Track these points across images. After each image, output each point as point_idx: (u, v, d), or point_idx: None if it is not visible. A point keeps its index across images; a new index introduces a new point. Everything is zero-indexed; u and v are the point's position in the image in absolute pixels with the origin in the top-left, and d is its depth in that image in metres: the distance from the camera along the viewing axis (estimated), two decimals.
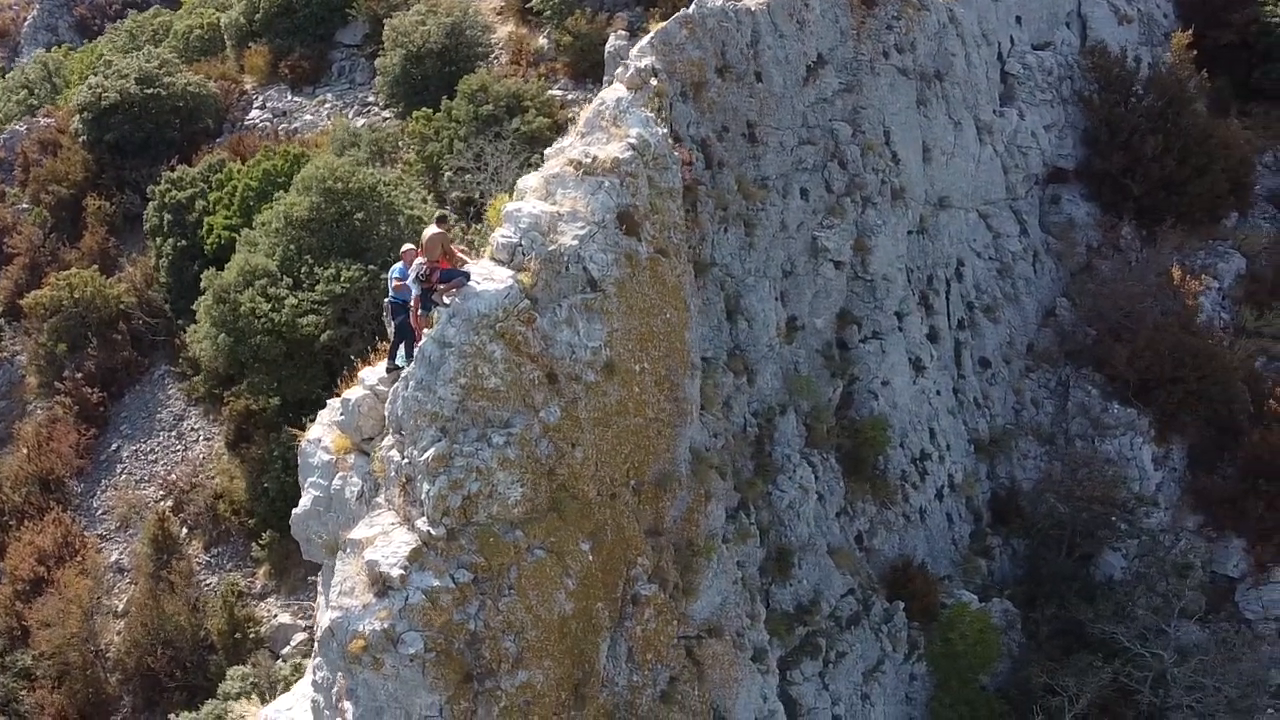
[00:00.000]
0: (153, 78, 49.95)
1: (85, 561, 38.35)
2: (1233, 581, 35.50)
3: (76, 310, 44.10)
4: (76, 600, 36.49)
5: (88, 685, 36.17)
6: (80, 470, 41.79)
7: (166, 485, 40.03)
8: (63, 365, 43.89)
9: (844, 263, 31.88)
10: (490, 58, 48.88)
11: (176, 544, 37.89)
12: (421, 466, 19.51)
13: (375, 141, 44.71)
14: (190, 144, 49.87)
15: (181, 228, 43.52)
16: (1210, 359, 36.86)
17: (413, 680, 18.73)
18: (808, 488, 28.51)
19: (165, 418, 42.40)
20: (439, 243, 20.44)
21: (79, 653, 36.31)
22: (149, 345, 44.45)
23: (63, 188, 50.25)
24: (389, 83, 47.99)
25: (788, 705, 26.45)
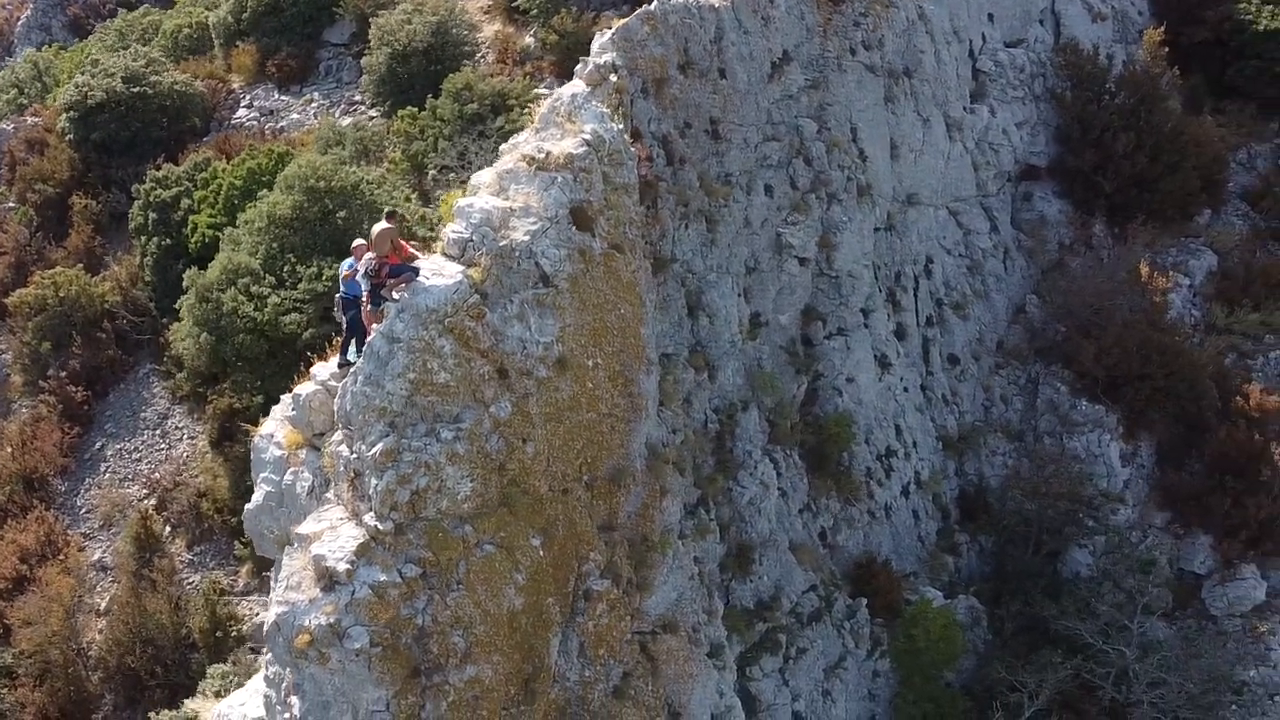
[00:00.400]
0: (139, 76, 49.98)
1: (68, 560, 38.41)
2: (1200, 578, 35.70)
3: (61, 309, 44.13)
4: (58, 599, 36.58)
5: (69, 683, 36.18)
6: (64, 469, 41.81)
7: (150, 484, 40.04)
8: (47, 364, 43.95)
9: (809, 259, 32.05)
10: (477, 57, 48.92)
11: (159, 542, 37.90)
12: (369, 461, 19.56)
13: (360, 140, 44.65)
14: (177, 143, 49.86)
15: (166, 226, 43.61)
16: (1178, 356, 37.04)
17: (359, 675, 18.77)
18: (769, 484, 28.66)
19: (149, 416, 42.43)
20: (388, 238, 20.48)
21: (60, 651, 36.31)
22: (134, 344, 44.49)
23: (49, 186, 50.31)
24: (375, 81, 48.13)
25: (747, 701, 26.58)
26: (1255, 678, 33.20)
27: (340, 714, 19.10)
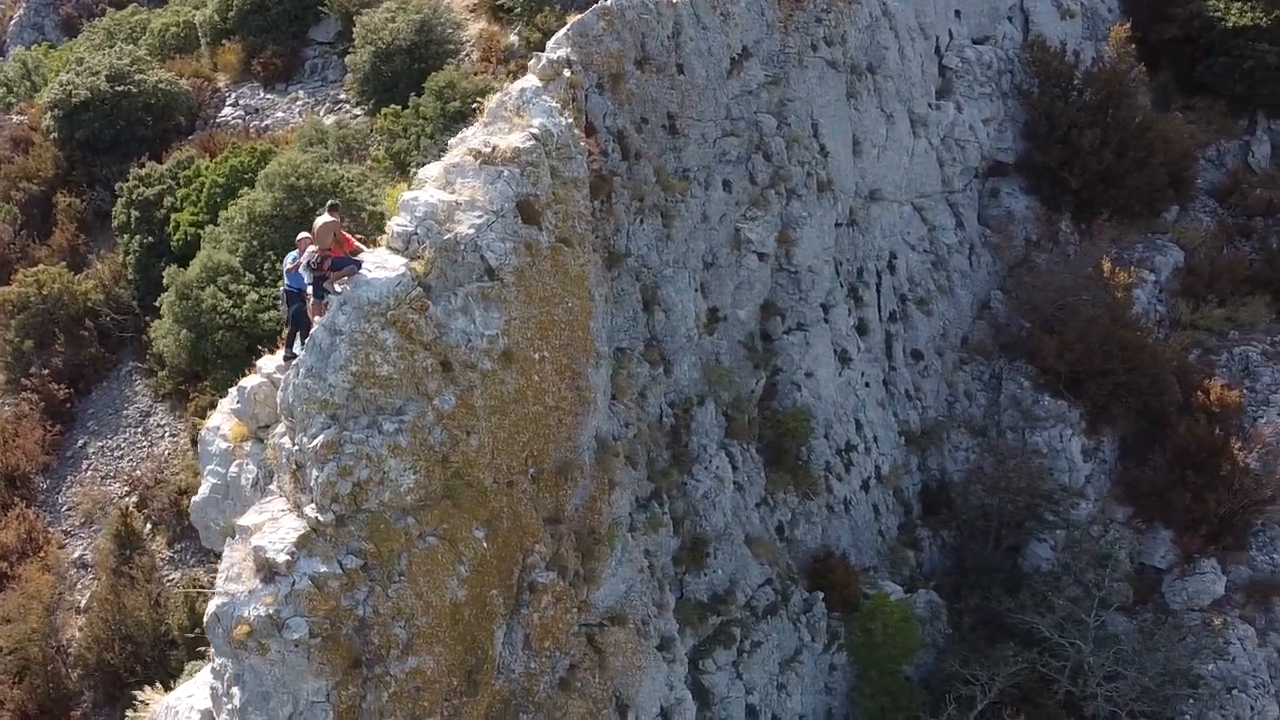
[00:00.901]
0: (124, 75, 50.01)
1: (48, 557, 38.51)
2: (1160, 573, 35.99)
3: (44, 307, 44.23)
4: (38, 596, 36.72)
5: (48, 680, 36.30)
6: (46, 467, 41.98)
7: (131, 481, 40.13)
8: (30, 362, 44.12)
9: (768, 254, 32.19)
10: (461, 55, 49.03)
11: (140, 540, 38.00)
12: (311, 453, 19.72)
13: (342, 138, 44.83)
14: (162, 141, 49.99)
15: (149, 224, 43.84)
16: (1140, 351, 37.33)
17: (298, 665, 18.92)
18: (724, 478, 28.84)
19: (132, 414, 42.57)
20: (331, 231, 20.65)
21: (39, 648, 36.42)
22: (117, 342, 44.65)
23: (33, 185, 50.38)
24: (359, 80, 48.32)
25: (699, 694, 26.80)
26: (1213, 671, 33.50)
27: (281, 705, 19.24)
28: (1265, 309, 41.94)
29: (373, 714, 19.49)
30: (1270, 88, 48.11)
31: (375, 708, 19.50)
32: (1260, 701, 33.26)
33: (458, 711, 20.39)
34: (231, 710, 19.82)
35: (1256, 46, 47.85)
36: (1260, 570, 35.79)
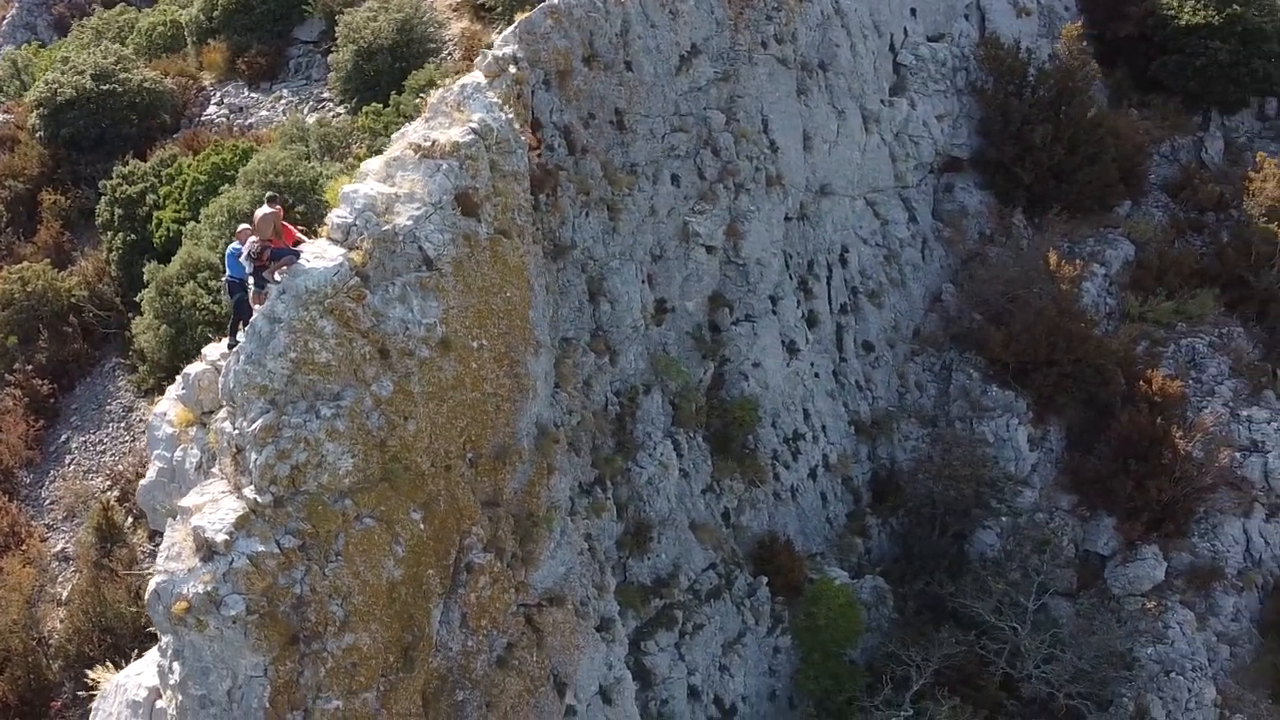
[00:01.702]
0: (109, 74, 50.29)
1: (30, 551, 38.78)
2: (1103, 559, 36.77)
3: (29, 303, 44.41)
4: (19, 588, 36.92)
5: (29, 672, 36.39)
6: (29, 461, 42.24)
7: (113, 475, 40.38)
8: (14, 358, 44.26)
9: (716, 248, 32.94)
10: (443, 54, 49.36)
11: (121, 533, 38.24)
12: (250, 437, 20.37)
13: (324, 136, 45.16)
14: (147, 140, 50.19)
15: (132, 222, 44.12)
16: (1085, 342, 38.07)
17: (236, 641, 19.61)
18: (669, 464, 29.57)
19: (115, 409, 42.88)
20: (271, 222, 21.31)
21: (20, 640, 36.52)
22: (100, 338, 44.95)
23: (19, 182, 50.43)
24: (341, 78, 48.61)
25: (642, 675, 27.56)
26: (1152, 655, 34.33)
27: (220, 679, 19.94)
28: (1214, 302, 42.69)
29: (310, 689, 20.22)
30: (1222, 85, 48.88)
31: (312, 683, 20.22)
32: (1198, 684, 34.06)
33: (394, 687, 21.12)
34: (174, 685, 20.53)
35: (1209, 44, 48.58)
36: (1201, 557, 36.57)
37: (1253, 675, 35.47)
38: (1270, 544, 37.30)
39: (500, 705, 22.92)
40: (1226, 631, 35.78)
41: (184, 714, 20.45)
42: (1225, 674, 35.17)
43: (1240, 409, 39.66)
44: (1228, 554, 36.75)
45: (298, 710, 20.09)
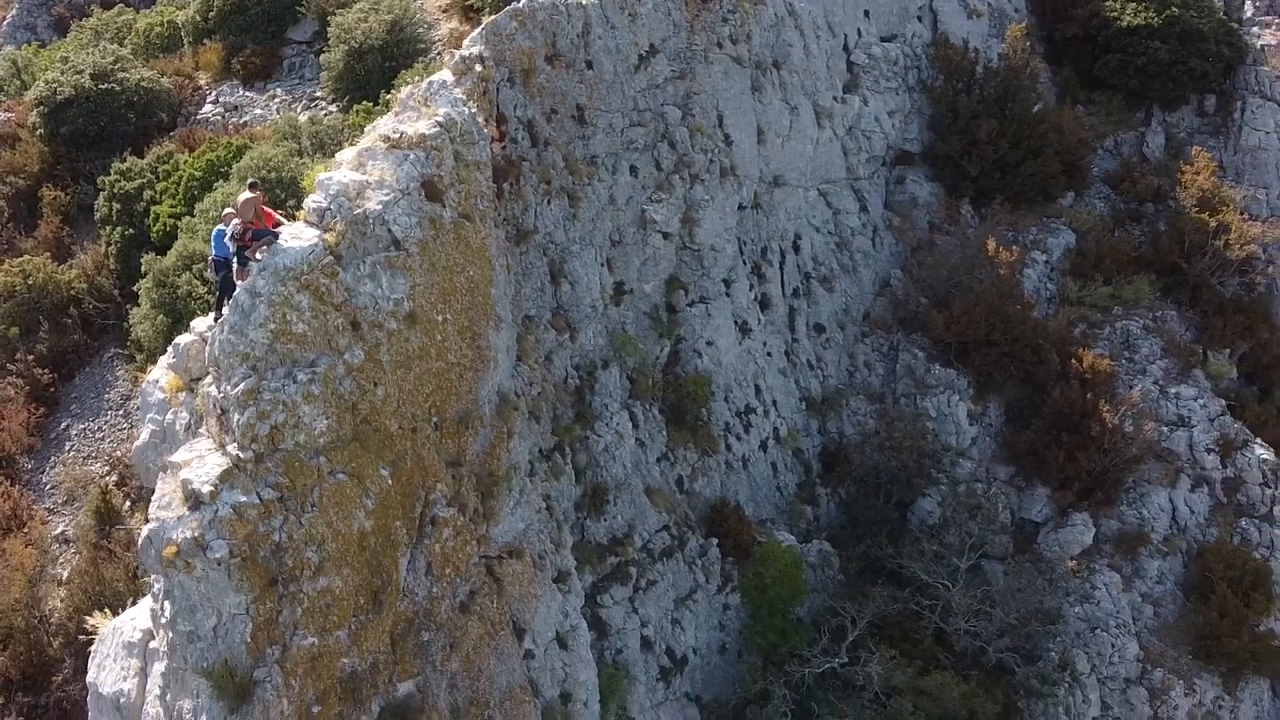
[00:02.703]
0: (107, 73, 50.48)
1: (31, 533, 39.08)
2: (1038, 526, 38.63)
3: (30, 295, 44.77)
4: (21, 568, 37.30)
5: (30, 648, 36.90)
6: (30, 448, 42.65)
7: (112, 461, 40.77)
8: (15, 348, 44.53)
9: (672, 234, 34.75)
10: (432, 54, 49.61)
11: (119, 516, 38.59)
12: (233, 400, 22.20)
13: (316, 134, 45.19)
14: (144, 137, 50.23)
15: (130, 217, 44.54)
16: (1022, 324, 39.93)
17: (221, 582, 21.44)
18: (624, 434, 31.42)
19: (113, 398, 43.29)
20: (252, 206, 23.17)
21: (23, 618, 36.95)
22: (99, 329, 45.20)
23: (20, 179, 50.60)
24: (333, 78, 49.10)
25: (598, 626, 29.42)
26: (1079, 613, 36.25)
27: (206, 617, 21.75)
28: (1149, 287, 44.57)
29: (288, 627, 22.02)
30: (1162, 82, 50.70)
31: (290, 621, 22.03)
32: (1121, 640, 36.02)
33: (364, 627, 22.93)
34: (164, 623, 22.40)
35: (1149, 44, 50.37)
36: (1129, 523, 38.46)
37: (1175, 634, 37.30)
38: (1195, 512, 39.20)
39: (463, 646, 24.75)
40: (1151, 593, 37.65)
41: (174, 649, 22.30)
42: (1149, 632, 37.02)
43: (1170, 387, 41.55)
44: (1154, 521, 38.63)
45: (276, 645, 21.82)
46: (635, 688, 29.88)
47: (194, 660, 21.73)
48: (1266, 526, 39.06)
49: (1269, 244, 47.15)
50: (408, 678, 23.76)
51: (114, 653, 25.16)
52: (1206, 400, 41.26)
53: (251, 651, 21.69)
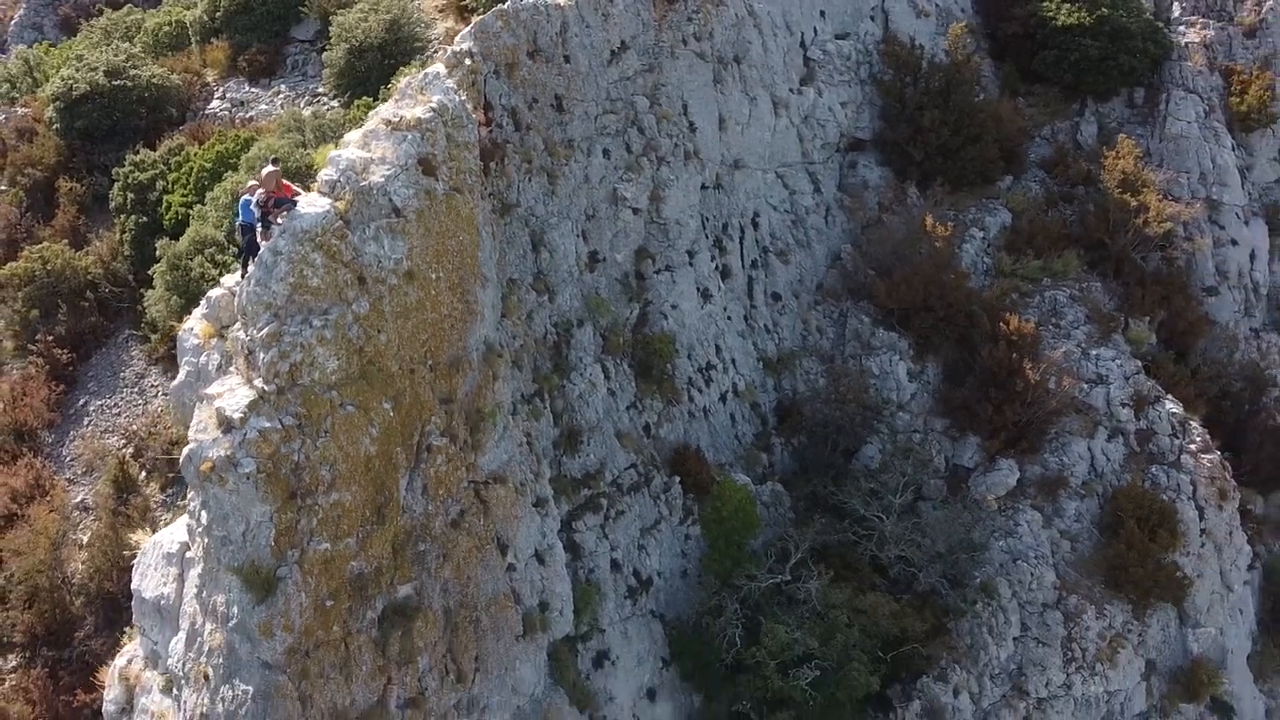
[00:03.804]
0: (120, 70, 51.15)
1: (54, 500, 40.15)
2: (969, 471, 41.80)
3: (49, 281, 45.57)
4: (45, 532, 38.51)
5: (55, 606, 37.99)
6: (51, 422, 43.56)
7: (128, 435, 41.71)
8: (36, 330, 45.30)
9: (641, 210, 37.86)
10: (429, 52, 50.07)
11: (135, 485, 39.75)
12: (259, 342, 25.40)
13: (319, 127, 46.03)
14: (155, 131, 50.88)
15: (143, 205, 45.49)
16: (956, 292, 43.02)
17: (249, 494, 24.66)
18: (597, 383, 34.59)
19: (128, 376, 44.19)
20: (274, 178, 26.36)
21: (47, 578, 38.12)
22: (114, 312, 45.98)
23: (37, 171, 51.40)
24: (335, 74, 50.22)
25: (573, 549, 32.59)
26: (1003, 546, 39.34)
27: (236, 524, 24.96)
28: (1076, 261, 47.61)
29: (305, 533, 25.22)
30: (1094, 76, 53.61)
31: (307, 529, 25.23)
32: (1039, 570, 39.13)
33: (370, 536, 26.12)
34: (200, 531, 25.67)
35: (1082, 42, 53.23)
36: (1050, 469, 41.55)
37: (1089, 566, 40.29)
38: (1110, 460, 42.28)
39: (454, 557, 27.95)
40: (1069, 530, 40.67)
41: (209, 553, 25.58)
42: (1066, 564, 40.07)
43: (1091, 349, 44.57)
44: (1073, 467, 41.69)
45: (295, 549, 25.01)
46: (605, 603, 33.06)
47: (227, 560, 24.94)
48: (1174, 472, 42.03)
49: (1187, 222, 50.19)
50: (406, 582, 26.86)
51: (154, 563, 28.41)
52: (1124, 361, 44.40)
53: (275, 553, 24.85)
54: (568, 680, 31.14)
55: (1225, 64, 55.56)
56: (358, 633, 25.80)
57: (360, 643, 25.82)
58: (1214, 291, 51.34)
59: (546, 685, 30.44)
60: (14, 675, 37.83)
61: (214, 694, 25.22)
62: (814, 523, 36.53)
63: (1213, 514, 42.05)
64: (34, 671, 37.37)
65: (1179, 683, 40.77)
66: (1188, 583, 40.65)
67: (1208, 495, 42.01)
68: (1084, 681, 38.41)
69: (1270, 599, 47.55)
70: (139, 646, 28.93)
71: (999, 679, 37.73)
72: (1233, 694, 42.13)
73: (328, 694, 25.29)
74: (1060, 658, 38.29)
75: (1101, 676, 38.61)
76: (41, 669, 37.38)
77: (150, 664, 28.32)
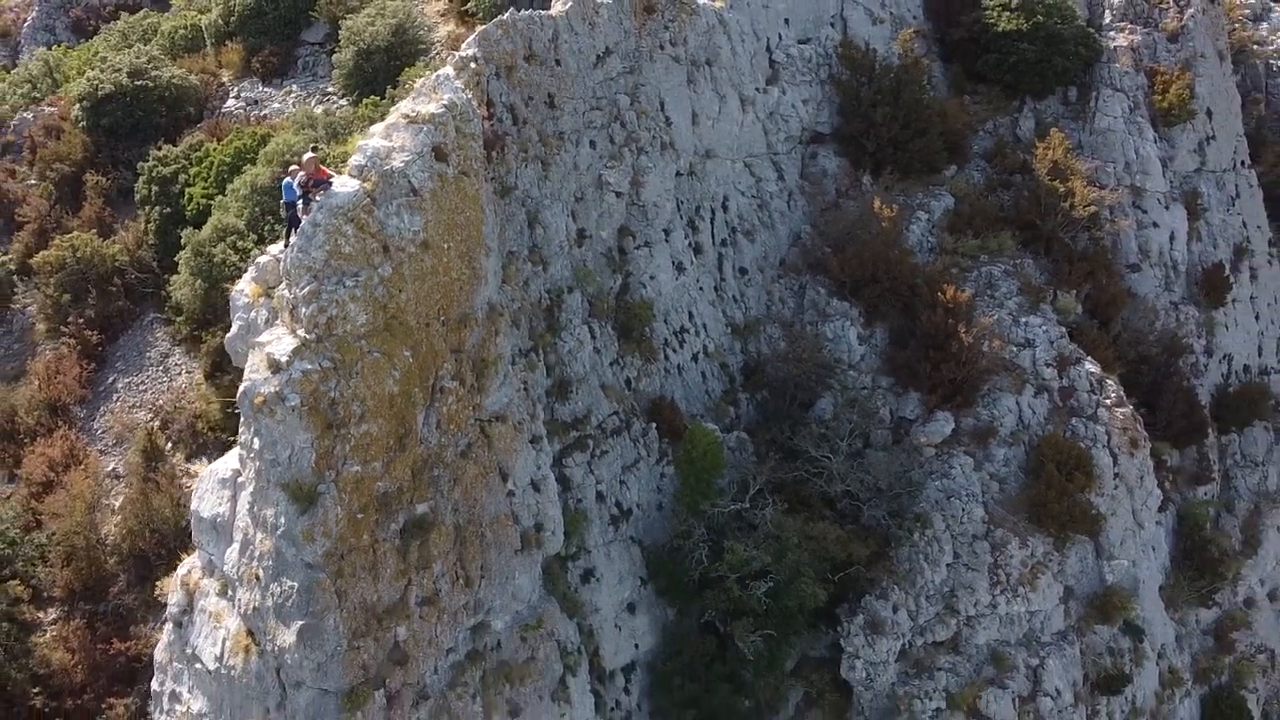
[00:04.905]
0: (142, 71, 52.99)
1: (88, 468, 41.79)
2: (910, 423, 45.76)
3: (78, 267, 47.14)
4: (81, 496, 40.17)
5: (90, 564, 39.73)
6: (83, 398, 45.29)
7: (155, 409, 43.55)
8: (67, 313, 46.94)
9: (623, 193, 41.53)
10: (432, 54, 52.61)
11: (162, 454, 41.60)
12: (301, 298, 29.10)
13: (330, 124, 48.01)
14: (175, 128, 52.81)
15: (166, 197, 47.42)
16: (901, 266, 46.92)
17: (294, 423, 28.43)
18: (584, 342, 38.21)
19: (153, 355, 45.97)
20: (313, 163, 30.09)
21: (83, 538, 39.72)
22: (140, 296, 47.72)
23: (65, 166, 52.88)
24: (344, 75, 52.21)
25: (563, 481, 36.34)
26: (938, 486, 43.05)
27: (283, 449, 28.66)
28: (1011, 240, 51.32)
29: (339, 458, 28.93)
30: (1030, 77, 57.18)
31: (341, 454, 28.94)
32: (970, 506, 42.89)
33: (393, 461, 29.84)
34: (253, 455, 29.59)
35: (1020, 46, 56.77)
36: (982, 420, 45.33)
37: (1015, 504, 43.83)
38: (1035, 413, 46.04)
39: (463, 481, 31.75)
40: (997, 473, 44.49)
41: (260, 474, 29.47)
42: (994, 502, 43.72)
43: (1021, 317, 48.32)
44: (1003, 419, 45.49)
45: (332, 470, 28.68)
46: (591, 528, 36.89)
47: (275, 478, 28.78)
48: (1091, 424, 45.92)
49: (1112, 206, 54.12)
50: (423, 501, 30.56)
51: (210, 488, 32.17)
52: (1050, 327, 48.27)
53: (315, 473, 28.53)
54: (559, 592, 34.96)
55: (1150, 65, 59.28)
56: (383, 541, 29.59)
57: (385, 549, 29.62)
58: (1136, 268, 55.31)
59: (541, 595, 34.20)
60: (54, 627, 39.78)
61: (264, 590, 29.12)
62: (770, 459, 40.41)
63: (1125, 460, 45.94)
64: (73, 623, 39.42)
65: (1094, 607, 44.53)
66: (1101, 519, 44.56)
67: (1120, 443, 45.95)
68: (1008, 602, 42.36)
69: (1183, 540, 51.80)
70: (197, 559, 32.66)
71: (933, 599, 41.70)
72: (1144, 619, 45.89)
73: (359, 591, 29.10)
74: (987, 582, 42.22)
75: (1024, 599, 42.57)
76: (79, 621, 39.42)
77: (207, 573, 32.13)
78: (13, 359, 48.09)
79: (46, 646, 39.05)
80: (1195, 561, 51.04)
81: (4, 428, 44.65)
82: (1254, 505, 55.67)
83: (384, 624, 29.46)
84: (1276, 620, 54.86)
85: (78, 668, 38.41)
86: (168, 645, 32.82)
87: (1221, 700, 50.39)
